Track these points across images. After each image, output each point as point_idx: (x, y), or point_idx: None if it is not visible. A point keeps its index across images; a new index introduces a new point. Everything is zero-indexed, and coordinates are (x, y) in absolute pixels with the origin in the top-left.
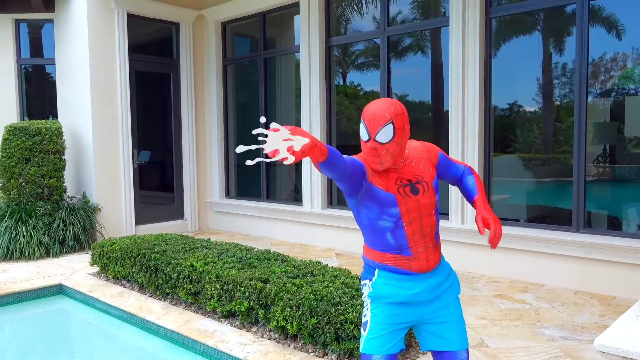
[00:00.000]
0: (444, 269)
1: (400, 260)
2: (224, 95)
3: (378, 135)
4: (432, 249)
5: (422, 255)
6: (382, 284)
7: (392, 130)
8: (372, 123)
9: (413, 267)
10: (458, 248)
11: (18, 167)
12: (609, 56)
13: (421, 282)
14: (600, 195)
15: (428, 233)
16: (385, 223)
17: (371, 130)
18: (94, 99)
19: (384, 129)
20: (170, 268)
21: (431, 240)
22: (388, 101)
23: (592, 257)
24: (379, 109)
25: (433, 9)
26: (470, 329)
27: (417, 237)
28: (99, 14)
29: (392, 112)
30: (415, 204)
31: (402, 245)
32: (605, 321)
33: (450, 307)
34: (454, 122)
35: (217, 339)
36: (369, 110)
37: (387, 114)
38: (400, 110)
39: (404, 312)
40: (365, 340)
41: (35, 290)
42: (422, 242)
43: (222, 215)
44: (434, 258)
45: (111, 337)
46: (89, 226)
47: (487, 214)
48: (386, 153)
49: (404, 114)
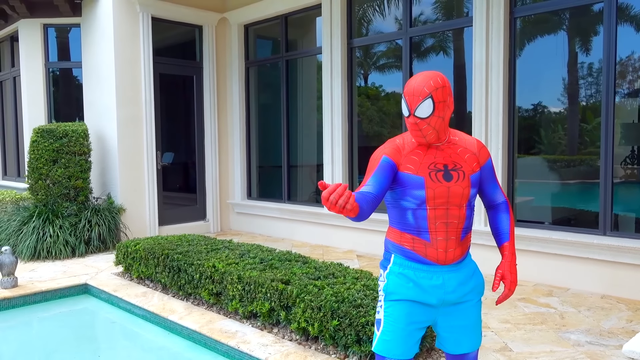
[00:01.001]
0: (468, 269)
1: (417, 244)
2: (246, 97)
3: (418, 110)
4: (454, 241)
5: (441, 245)
6: (397, 274)
7: (431, 104)
8: (412, 98)
9: (429, 254)
10: (481, 250)
11: (45, 169)
12: (637, 55)
13: (437, 276)
14: (628, 197)
15: (453, 223)
16: (407, 204)
17: (411, 106)
18: (119, 102)
19: (423, 103)
20: (193, 269)
21: (455, 232)
22: (428, 75)
23: (620, 260)
24: (418, 84)
25: (456, 9)
26: (494, 333)
27: (440, 223)
28: (124, 17)
29: (431, 86)
30: (444, 190)
31: (421, 226)
32: (633, 326)
33: (471, 309)
34: (477, 123)
35: (238, 340)
36: (409, 85)
37: (426, 89)
38: (441, 83)
39: (419, 311)
40: (379, 341)
41: (62, 289)
42: (443, 230)
43: (244, 216)
44: (454, 252)
45: (135, 336)
46: (113, 227)
47: (510, 275)
48: (427, 127)
49: (444, 86)
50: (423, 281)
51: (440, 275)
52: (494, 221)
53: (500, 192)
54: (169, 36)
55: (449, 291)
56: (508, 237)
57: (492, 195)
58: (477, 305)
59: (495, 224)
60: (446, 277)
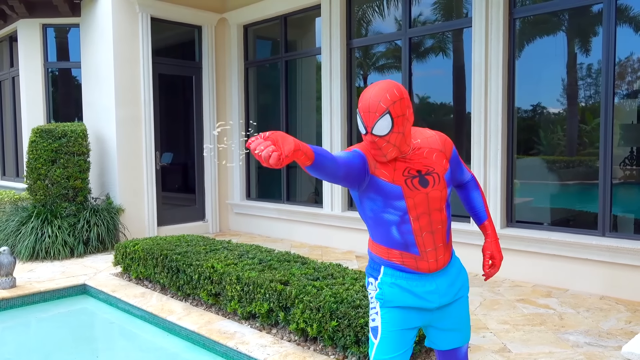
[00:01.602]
0: (454, 268)
1: (406, 259)
2: (245, 97)
3: (375, 128)
4: (442, 248)
5: (431, 256)
6: (389, 284)
7: (389, 120)
8: (368, 115)
9: (420, 267)
10: (480, 251)
11: (44, 169)
12: (636, 56)
13: (430, 282)
14: (627, 198)
15: (438, 230)
16: (390, 216)
17: (367, 123)
18: (118, 102)
19: (381, 120)
20: (192, 269)
21: (441, 238)
22: (383, 87)
23: (619, 261)
24: (373, 98)
25: (455, 10)
26: (493, 334)
27: (426, 234)
28: (123, 18)
29: (387, 100)
30: (423, 197)
31: (408, 241)
32: (632, 327)
33: (461, 305)
34: (476, 124)
35: (237, 340)
36: (364, 100)
37: (382, 103)
38: (398, 95)
39: (416, 316)
40: (378, 348)
41: (60, 289)
42: (431, 241)
43: (243, 216)
44: (443, 258)
45: (133, 337)
46: (112, 227)
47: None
48: (387, 145)
49: (402, 99)
50: (417, 289)
51: (432, 282)
52: (468, 200)
53: (466, 171)
54: (168, 36)
55: (443, 294)
56: (486, 214)
57: (461, 176)
58: (467, 300)
59: (470, 203)
60: (438, 281)
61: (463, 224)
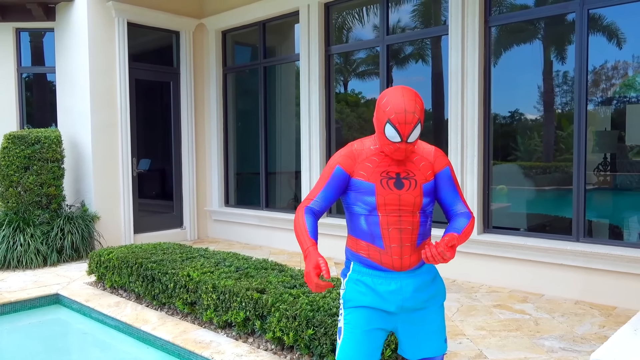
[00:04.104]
0: (426, 275)
1: (372, 252)
2: (223, 103)
3: (410, 137)
4: (409, 248)
5: (395, 252)
6: (355, 280)
7: (419, 127)
8: (404, 127)
9: (384, 261)
10: (457, 257)
11: (17, 176)
12: (609, 64)
13: (394, 281)
14: (601, 204)
15: (407, 230)
16: (359, 209)
17: (403, 133)
18: (93, 108)
19: (415, 130)
20: (167, 278)
21: (409, 238)
22: (411, 97)
23: (593, 266)
24: (409, 109)
25: (433, 17)
26: (469, 340)
27: (393, 229)
28: (99, 22)
29: (418, 110)
30: (395, 198)
31: (374, 233)
32: (605, 332)
33: (432, 315)
34: (453, 131)
35: (213, 350)
36: (398, 111)
37: (416, 115)
38: (422, 103)
39: (378, 317)
40: (340, 348)
41: (32, 299)
42: (397, 237)
43: (222, 223)
44: (409, 258)
45: (107, 347)
46: (87, 235)
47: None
48: (412, 148)
49: (422, 105)
50: (380, 287)
51: (397, 281)
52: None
53: (462, 203)
54: (145, 41)
55: (407, 297)
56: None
57: (452, 205)
58: (439, 311)
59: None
60: (403, 282)
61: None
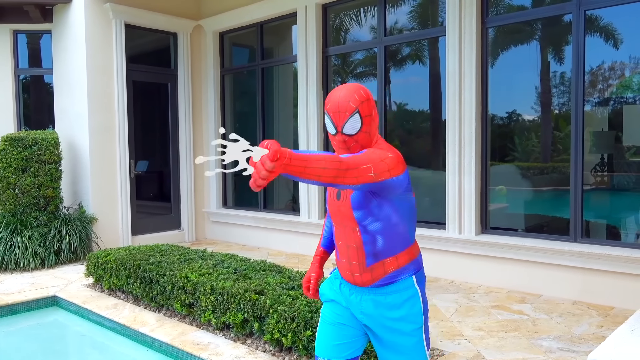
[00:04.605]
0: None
1: (336, 259)
2: (221, 105)
3: (345, 127)
4: (358, 266)
5: (346, 267)
6: (331, 279)
7: (359, 120)
8: (338, 115)
9: (341, 272)
10: (456, 258)
11: (14, 178)
12: (606, 65)
13: (356, 293)
14: (598, 204)
15: (352, 247)
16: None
17: (337, 123)
18: (91, 109)
19: (351, 119)
20: (165, 279)
21: (356, 257)
22: (351, 88)
23: (590, 267)
24: (343, 99)
25: (431, 18)
26: (467, 341)
27: (342, 243)
28: (96, 24)
29: (356, 100)
30: (337, 209)
31: (334, 242)
32: (603, 332)
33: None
34: (450, 131)
35: (211, 352)
36: (332, 100)
37: (352, 103)
38: (365, 96)
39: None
40: (316, 338)
41: (29, 302)
42: (345, 253)
43: (219, 225)
44: (360, 277)
45: (105, 349)
46: (84, 237)
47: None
48: (356, 145)
49: (369, 99)
50: (344, 295)
51: (358, 294)
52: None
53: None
54: (143, 43)
55: (367, 313)
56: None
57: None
58: (412, 335)
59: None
60: (364, 297)
61: (438, 230)
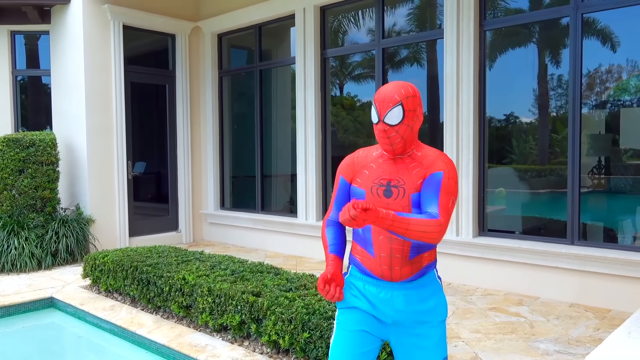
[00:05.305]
0: (424, 289)
1: (365, 257)
2: (219, 106)
3: (387, 117)
4: (399, 260)
5: (385, 262)
6: (349, 284)
7: (401, 112)
8: (382, 105)
9: (374, 270)
10: (453, 260)
11: (11, 179)
12: (604, 68)
13: (385, 290)
14: (595, 206)
15: (397, 240)
16: None
17: (381, 112)
18: (88, 111)
19: (393, 110)
20: (162, 281)
21: (399, 250)
22: (399, 83)
23: (587, 269)
24: (389, 91)
25: (429, 21)
26: (465, 343)
27: (383, 238)
28: (95, 25)
29: (402, 94)
30: (384, 206)
31: (367, 238)
32: (600, 334)
33: (428, 330)
34: (448, 134)
35: (208, 354)
36: (380, 92)
37: (396, 96)
38: (412, 92)
39: (369, 321)
40: (331, 347)
41: (26, 303)
42: (387, 247)
43: (217, 226)
44: (400, 270)
45: (102, 351)
46: (82, 238)
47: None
48: (396, 135)
49: (415, 96)
50: (370, 295)
51: (388, 291)
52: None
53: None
54: (141, 44)
55: (398, 309)
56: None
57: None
58: (438, 327)
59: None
60: (394, 293)
61: None
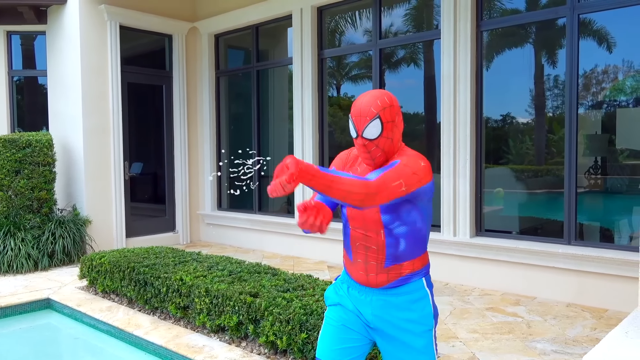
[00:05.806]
0: (407, 297)
1: (347, 261)
2: (216, 107)
3: (365, 131)
4: (375, 267)
5: (361, 267)
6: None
7: (379, 125)
8: (359, 120)
9: (352, 274)
10: (450, 260)
11: (7, 180)
12: (600, 68)
13: (365, 294)
14: (592, 207)
15: (372, 249)
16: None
17: (358, 127)
18: (85, 111)
19: (371, 124)
20: (160, 282)
21: (375, 258)
22: (374, 94)
23: (584, 269)
24: (365, 104)
25: (426, 21)
26: (462, 343)
27: (360, 245)
28: (91, 25)
29: (378, 106)
30: (358, 214)
31: (347, 244)
32: (597, 334)
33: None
34: (445, 134)
35: (205, 354)
36: (355, 105)
37: (373, 109)
38: (388, 102)
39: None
40: (318, 341)
41: (22, 304)
42: (363, 254)
43: (214, 227)
44: (375, 277)
45: (99, 352)
46: (78, 239)
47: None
48: (376, 149)
49: (392, 106)
50: (353, 297)
51: (368, 295)
52: None
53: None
54: (137, 45)
55: (377, 315)
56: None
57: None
58: (422, 336)
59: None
60: (374, 298)
61: (433, 233)
